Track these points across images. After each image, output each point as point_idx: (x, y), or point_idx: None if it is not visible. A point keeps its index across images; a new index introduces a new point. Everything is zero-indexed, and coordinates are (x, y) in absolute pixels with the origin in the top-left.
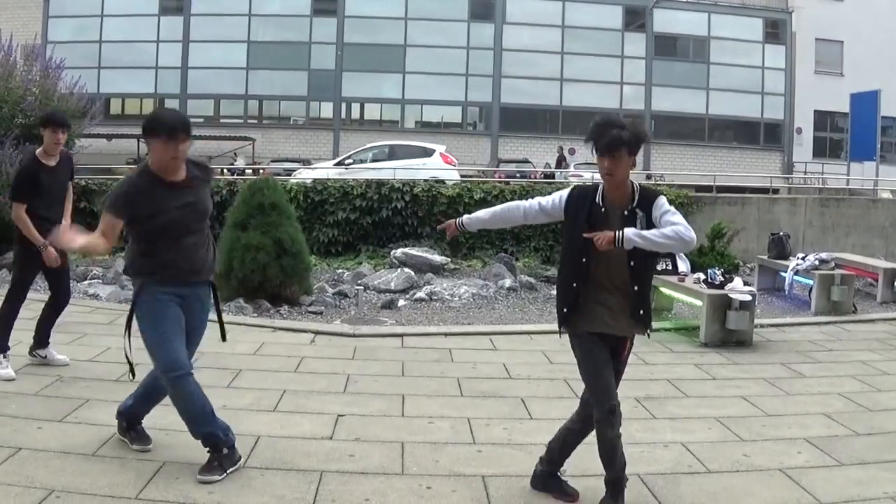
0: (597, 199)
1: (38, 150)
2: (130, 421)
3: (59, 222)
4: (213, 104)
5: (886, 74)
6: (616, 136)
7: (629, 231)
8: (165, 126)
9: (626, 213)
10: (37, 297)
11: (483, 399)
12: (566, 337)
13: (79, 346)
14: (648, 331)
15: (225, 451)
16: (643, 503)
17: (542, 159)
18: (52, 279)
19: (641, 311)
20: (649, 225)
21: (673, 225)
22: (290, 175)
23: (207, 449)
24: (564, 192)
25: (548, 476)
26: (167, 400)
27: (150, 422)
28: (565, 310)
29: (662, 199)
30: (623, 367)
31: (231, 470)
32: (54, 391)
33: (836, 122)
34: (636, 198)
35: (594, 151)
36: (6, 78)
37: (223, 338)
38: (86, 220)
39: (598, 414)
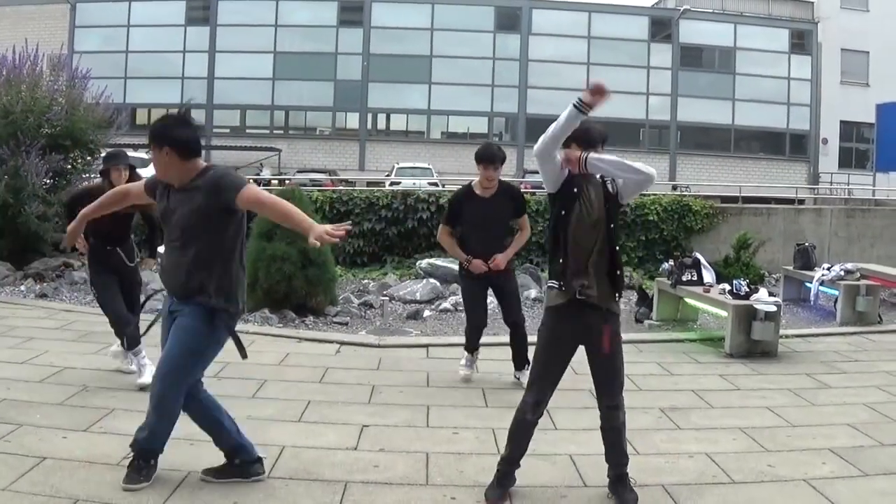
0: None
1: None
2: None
3: None
4: (239, 114)
5: None
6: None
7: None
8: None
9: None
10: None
11: (508, 409)
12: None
13: (104, 355)
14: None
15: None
16: None
17: None
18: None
19: None
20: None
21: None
22: (315, 186)
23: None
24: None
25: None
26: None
27: (175, 432)
28: None
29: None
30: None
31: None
32: (79, 401)
33: (862, 133)
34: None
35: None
36: (32, 87)
37: (243, 356)
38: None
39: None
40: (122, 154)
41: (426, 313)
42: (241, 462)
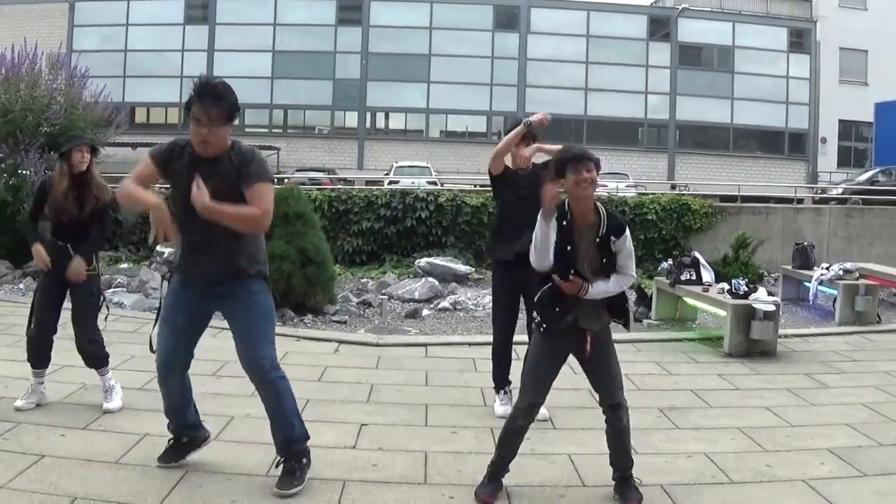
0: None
1: None
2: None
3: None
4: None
5: None
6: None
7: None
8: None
9: (597, 239)
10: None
11: None
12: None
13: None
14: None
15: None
16: None
17: None
18: None
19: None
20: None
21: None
22: (314, 184)
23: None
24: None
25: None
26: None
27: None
28: None
29: (628, 234)
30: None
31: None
32: (78, 399)
33: (861, 132)
34: (604, 222)
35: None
36: (31, 86)
37: None
38: (110, 228)
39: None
40: (83, 135)
41: (425, 312)
42: (188, 438)
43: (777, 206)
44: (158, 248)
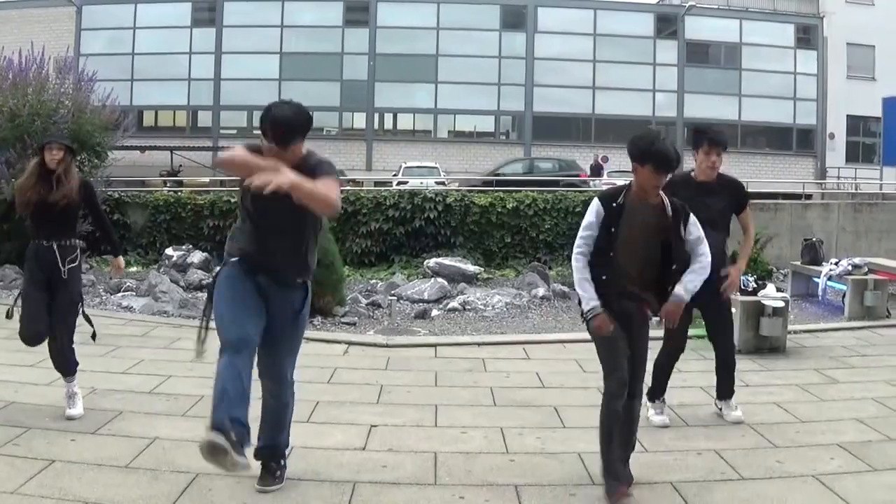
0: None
1: None
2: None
3: None
4: (245, 115)
5: None
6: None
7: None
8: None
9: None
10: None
11: (516, 408)
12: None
13: (113, 358)
14: None
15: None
16: None
17: None
18: None
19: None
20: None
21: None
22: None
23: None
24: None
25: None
26: (197, 412)
27: (183, 433)
28: None
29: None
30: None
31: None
32: (88, 403)
33: (869, 127)
34: (670, 208)
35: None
36: (39, 91)
37: None
38: (119, 232)
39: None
40: (59, 133)
41: (434, 313)
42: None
43: (785, 203)
44: (168, 251)
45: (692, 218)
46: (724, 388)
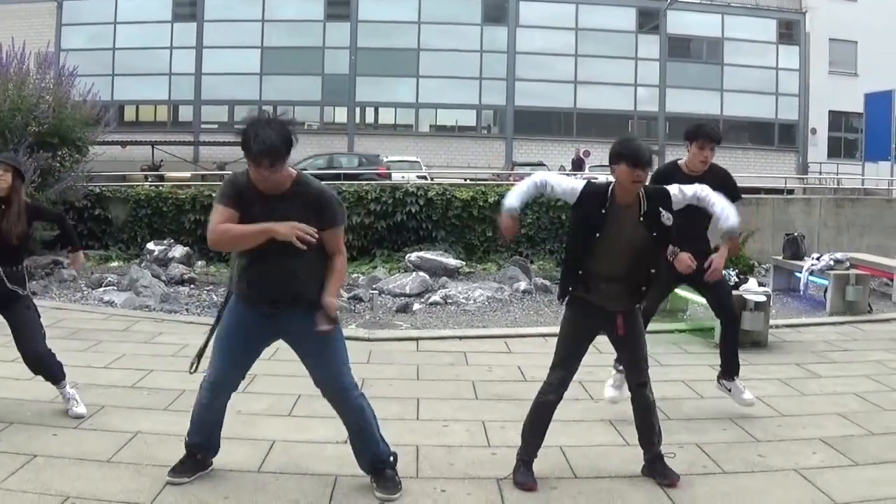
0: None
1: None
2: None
3: None
4: (227, 110)
5: None
6: None
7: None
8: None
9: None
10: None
11: (498, 402)
12: None
13: (94, 352)
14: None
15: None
16: None
17: (556, 162)
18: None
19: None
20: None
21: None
22: None
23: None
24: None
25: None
26: (178, 407)
27: (165, 427)
28: None
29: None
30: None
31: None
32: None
33: (851, 123)
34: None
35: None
36: (19, 86)
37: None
38: (100, 226)
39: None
40: (10, 155)
41: (416, 306)
42: (202, 457)
43: (767, 198)
44: (149, 245)
45: (674, 196)
46: (732, 365)
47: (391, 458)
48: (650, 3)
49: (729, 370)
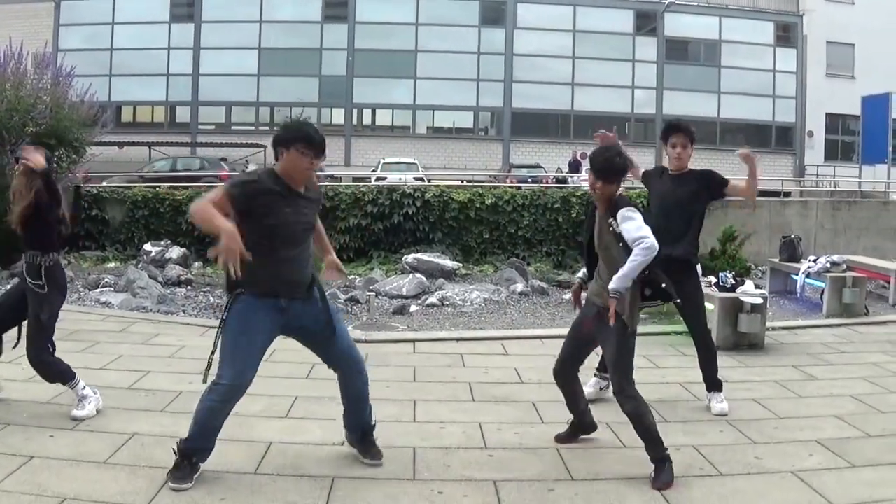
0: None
1: None
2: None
3: None
4: (224, 111)
5: None
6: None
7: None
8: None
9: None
10: None
11: (495, 404)
12: None
13: (91, 353)
14: None
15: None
16: None
17: (553, 164)
18: None
19: None
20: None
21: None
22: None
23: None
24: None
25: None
26: (176, 408)
27: (162, 429)
28: None
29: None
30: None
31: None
32: (66, 399)
33: (848, 125)
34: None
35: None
36: (17, 86)
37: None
38: (97, 227)
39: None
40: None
41: (413, 308)
42: (197, 460)
43: (764, 200)
44: (146, 246)
45: (621, 214)
46: (710, 380)
47: (373, 424)
48: (647, 5)
49: (709, 387)
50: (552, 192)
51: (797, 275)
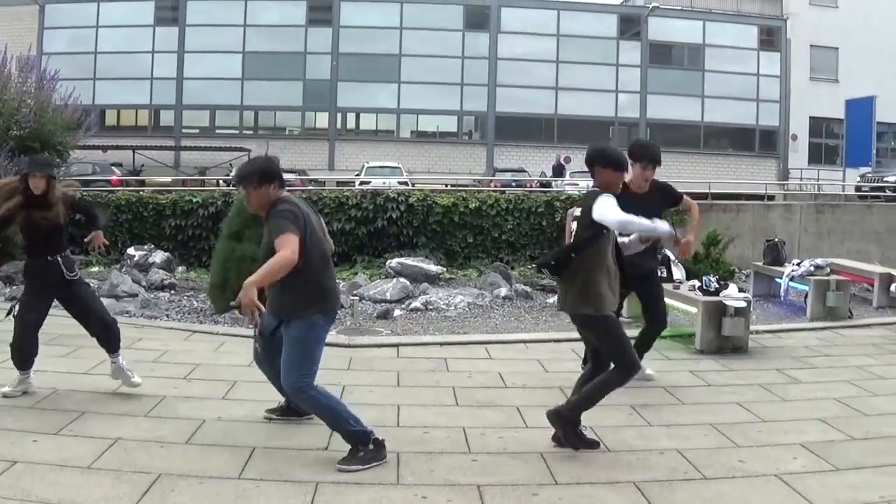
0: None
1: None
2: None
3: None
4: (208, 115)
5: (881, 80)
6: None
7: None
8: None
9: None
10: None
11: (478, 408)
12: (560, 345)
13: (74, 358)
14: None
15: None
16: None
17: (537, 168)
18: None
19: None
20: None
21: None
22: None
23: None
24: None
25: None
26: (159, 413)
27: (146, 434)
28: None
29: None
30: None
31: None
32: (50, 404)
33: (832, 129)
34: None
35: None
36: (1, 90)
37: None
38: (81, 231)
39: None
40: (43, 159)
41: (396, 312)
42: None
43: (748, 203)
44: (130, 251)
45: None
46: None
47: (363, 437)
48: (631, 9)
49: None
50: (536, 196)
51: (781, 278)
